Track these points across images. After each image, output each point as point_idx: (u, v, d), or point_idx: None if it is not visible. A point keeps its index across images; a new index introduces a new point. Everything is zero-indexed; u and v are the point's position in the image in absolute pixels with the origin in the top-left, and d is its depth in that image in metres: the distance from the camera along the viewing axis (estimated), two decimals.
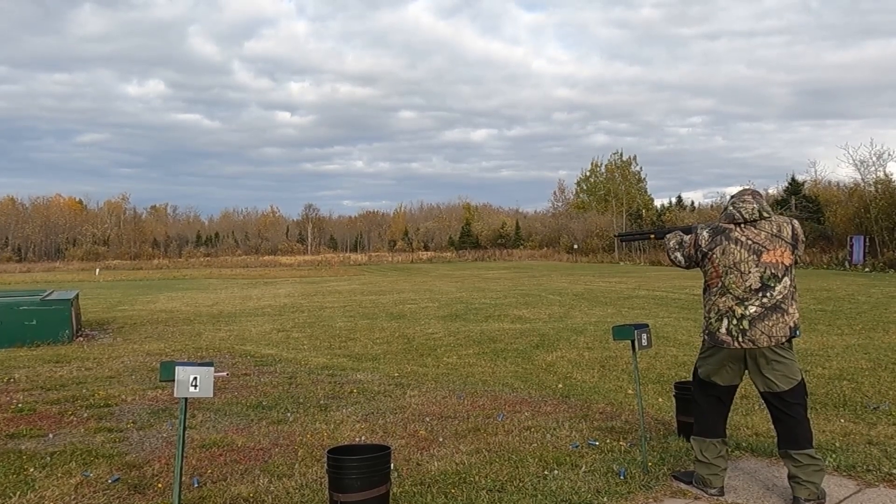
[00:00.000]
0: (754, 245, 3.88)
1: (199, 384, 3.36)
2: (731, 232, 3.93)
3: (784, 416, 3.90)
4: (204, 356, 9.59)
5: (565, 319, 13.60)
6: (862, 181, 38.07)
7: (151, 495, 4.11)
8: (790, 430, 3.89)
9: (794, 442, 3.86)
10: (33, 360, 9.47)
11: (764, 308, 3.84)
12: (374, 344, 10.89)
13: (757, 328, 3.83)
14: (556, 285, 24.71)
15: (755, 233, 3.91)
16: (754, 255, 3.87)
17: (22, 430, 5.59)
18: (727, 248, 3.91)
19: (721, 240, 3.94)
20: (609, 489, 4.04)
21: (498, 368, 8.54)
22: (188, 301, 21.03)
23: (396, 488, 4.04)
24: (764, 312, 3.84)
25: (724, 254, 3.92)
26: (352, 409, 6.24)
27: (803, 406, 3.94)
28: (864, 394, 6.60)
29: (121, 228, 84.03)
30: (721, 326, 3.92)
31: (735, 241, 3.91)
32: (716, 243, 3.95)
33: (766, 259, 3.86)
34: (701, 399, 4.16)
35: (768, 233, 3.90)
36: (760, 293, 3.85)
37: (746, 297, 3.85)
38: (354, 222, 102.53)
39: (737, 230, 3.93)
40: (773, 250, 3.88)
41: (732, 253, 3.90)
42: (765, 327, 3.83)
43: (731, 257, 3.89)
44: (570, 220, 69.41)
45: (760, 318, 3.84)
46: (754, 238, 3.89)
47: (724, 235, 3.94)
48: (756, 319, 3.84)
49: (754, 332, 3.83)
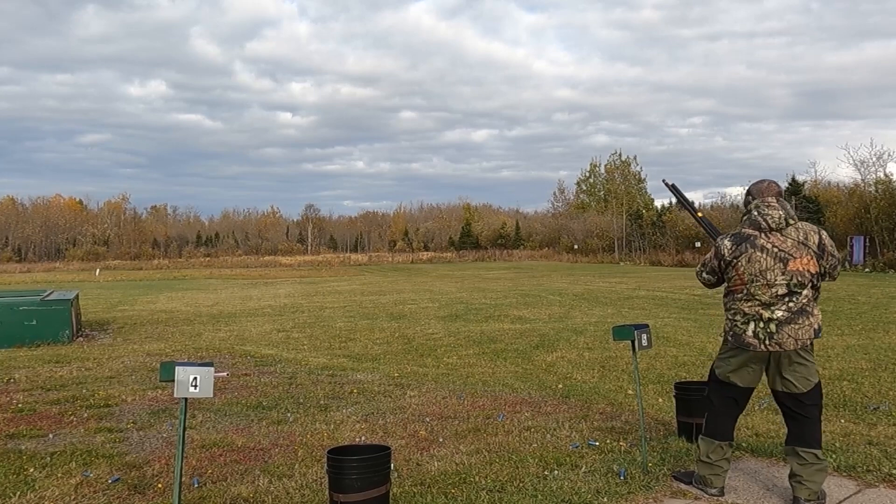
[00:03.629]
0: (780, 253, 3.78)
1: (199, 384, 3.36)
2: (757, 239, 3.81)
3: (799, 416, 3.88)
4: (204, 356, 9.58)
5: (565, 320, 13.60)
6: (862, 181, 38.13)
7: (151, 495, 4.11)
8: (802, 428, 3.87)
9: (804, 440, 3.85)
10: (33, 360, 9.47)
11: (791, 312, 3.78)
12: (374, 344, 10.88)
13: (784, 331, 3.77)
14: (556, 285, 24.71)
15: (781, 240, 3.79)
16: (781, 263, 3.77)
17: (22, 431, 5.59)
18: (753, 256, 3.79)
19: (746, 248, 3.82)
20: (609, 489, 4.04)
21: (498, 369, 8.54)
22: (188, 301, 21.02)
23: (396, 488, 4.04)
24: (791, 317, 3.77)
25: (750, 262, 3.80)
26: (352, 409, 6.24)
27: (818, 408, 3.92)
28: (864, 394, 6.60)
29: (121, 229, 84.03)
30: (748, 329, 3.84)
31: (761, 249, 3.79)
32: (740, 251, 3.83)
33: (792, 267, 3.77)
34: (716, 399, 4.07)
35: (794, 240, 3.80)
36: (787, 298, 3.78)
37: (773, 302, 3.78)
38: (354, 222, 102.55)
39: (762, 237, 3.81)
40: (800, 258, 3.78)
41: (759, 261, 3.79)
42: (791, 330, 3.77)
43: (757, 266, 3.79)
44: (571, 220, 69.38)
45: (787, 321, 3.78)
46: (780, 245, 3.79)
47: (749, 243, 3.82)
48: (783, 323, 3.78)
49: (781, 335, 3.77)
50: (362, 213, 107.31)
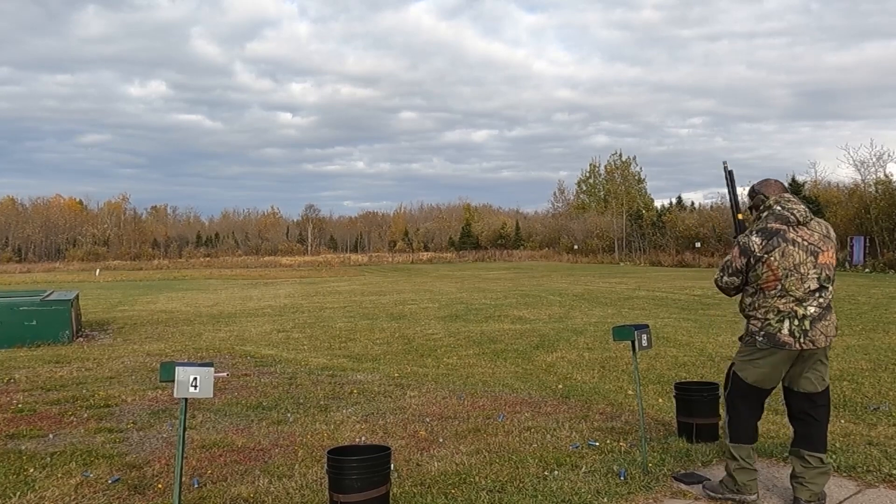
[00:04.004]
0: (811, 246, 3.76)
1: (199, 385, 3.36)
2: (786, 233, 3.77)
3: (808, 417, 3.86)
4: (204, 357, 9.58)
5: (565, 320, 13.60)
6: (862, 182, 38.14)
7: (151, 496, 4.11)
8: (810, 430, 3.85)
9: (811, 443, 3.82)
10: (33, 360, 9.47)
11: (821, 308, 3.76)
12: (374, 344, 10.88)
13: (816, 328, 3.75)
14: (556, 286, 24.71)
15: (808, 233, 3.78)
16: (812, 257, 3.75)
17: (22, 431, 5.59)
18: (786, 249, 3.73)
19: (778, 241, 3.74)
20: (609, 490, 4.04)
21: (498, 369, 8.54)
22: (188, 301, 21.03)
23: (396, 489, 4.04)
24: (821, 313, 3.76)
25: (784, 256, 3.73)
26: (352, 409, 6.24)
27: (828, 409, 3.92)
28: (864, 394, 6.60)
29: (121, 229, 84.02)
30: (783, 327, 3.75)
31: (792, 243, 3.75)
32: (772, 246, 3.74)
33: (821, 260, 3.76)
34: (742, 405, 3.92)
35: (820, 234, 3.80)
36: (818, 293, 3.76)
37: (805, 297, 3.75)
38: (355, 223, 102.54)
39: (791, 231, 3.77)
40: (827, 251, 3.79)
41: (792, 255, 3.74)
42: (822, 327, 3.76)
43: (791, 259, 3.73)
44: (571, 220, 69.38)
45: (818, 318, 3.75)
46: (809, 239, 3.77)
47: (780, 237, 3.75)
48: (815, 320, 3.75)
49: (814, 332, 3.74)
50: (362, 214, 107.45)
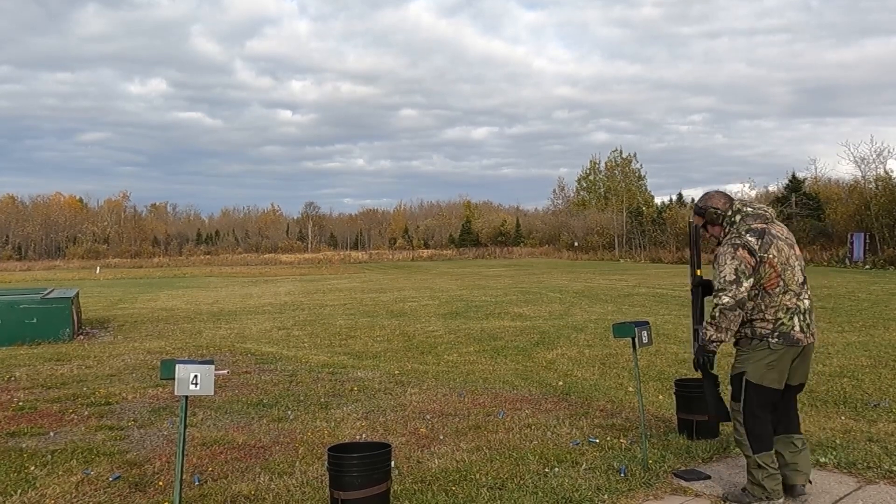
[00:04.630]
0: (788, 239, 3.85)
1: (199, 382, 3.36)
2: (771, 229, 3.82)
3: (788, 404, 3.92)
4: (204, 354, 9.60)
5: (566, 317, 13.60)
6: (862, 178, 38.02)
7: (152, 493, 4.12)
8: (790, 414, 3.93)
9: (794, 426, 3.92)
10: (34, 358, 9.48)
11: (810, 300, 3.86)
12: (374, 342, 10.89)
13: (812, 320, 3.84)
14: (556, 283, 24.71)
15: (780, 228, 3.88)
16: (793, 250, 3.85)
17: (23, 429, 5.60)
18: (778, 245, 3.78)
19: (770, 238, 3.77)
20: (610, 486, 4.04)
21: (498, 366, 8.54)
22: (189, 299, 21.03)
23: (397, 486, 4.04)
24: (811, 304, 3.86)
25: (779, 252, 3.76)
26: (352, 406, 6.24)
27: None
28: (864, 391, 6.60)
29: (121, 227, 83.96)
30: (795, 325, 3.74)
31: (779, 238, 3.81)
32: (767, 243, 3.76)
33: (797, 252, 3.88)
34: (762, 413, 3.80)
35: (788, 229, 3.92)
36: (805, 286, 3.84)
37: (800, 291, 3.80)
38: (355, 220, 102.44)
39: (773, 227, 3.83)
40: (795, 243, 3.91)
41: (783, 249, 3.79)
42: (814, 319, 3.86)
43: (783, 254, 3.78)
44: (571, 217, 69.31)
45: (812, 310, 3.85)
46: (784, 233, 3.87)
47: (770, 234, 3.79)
48: (810, 312, 3.83)
49: (813, 325, 3.84)
50: (362, 211, 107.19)
